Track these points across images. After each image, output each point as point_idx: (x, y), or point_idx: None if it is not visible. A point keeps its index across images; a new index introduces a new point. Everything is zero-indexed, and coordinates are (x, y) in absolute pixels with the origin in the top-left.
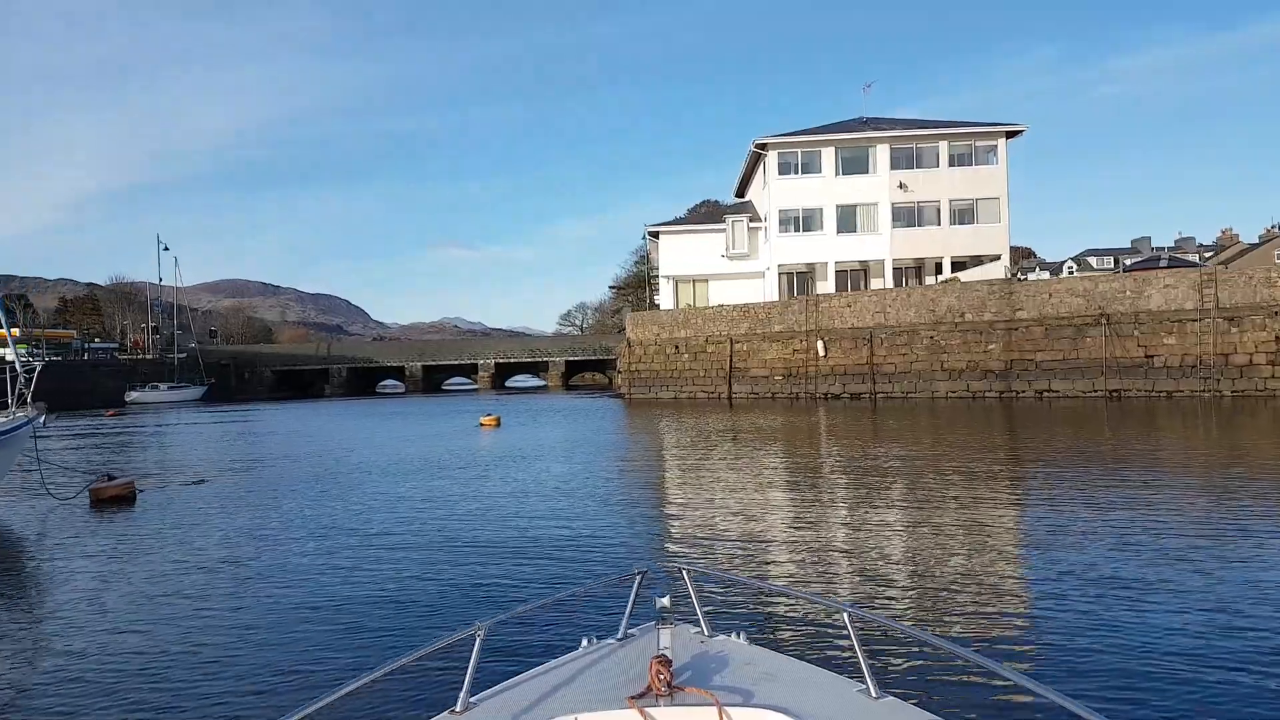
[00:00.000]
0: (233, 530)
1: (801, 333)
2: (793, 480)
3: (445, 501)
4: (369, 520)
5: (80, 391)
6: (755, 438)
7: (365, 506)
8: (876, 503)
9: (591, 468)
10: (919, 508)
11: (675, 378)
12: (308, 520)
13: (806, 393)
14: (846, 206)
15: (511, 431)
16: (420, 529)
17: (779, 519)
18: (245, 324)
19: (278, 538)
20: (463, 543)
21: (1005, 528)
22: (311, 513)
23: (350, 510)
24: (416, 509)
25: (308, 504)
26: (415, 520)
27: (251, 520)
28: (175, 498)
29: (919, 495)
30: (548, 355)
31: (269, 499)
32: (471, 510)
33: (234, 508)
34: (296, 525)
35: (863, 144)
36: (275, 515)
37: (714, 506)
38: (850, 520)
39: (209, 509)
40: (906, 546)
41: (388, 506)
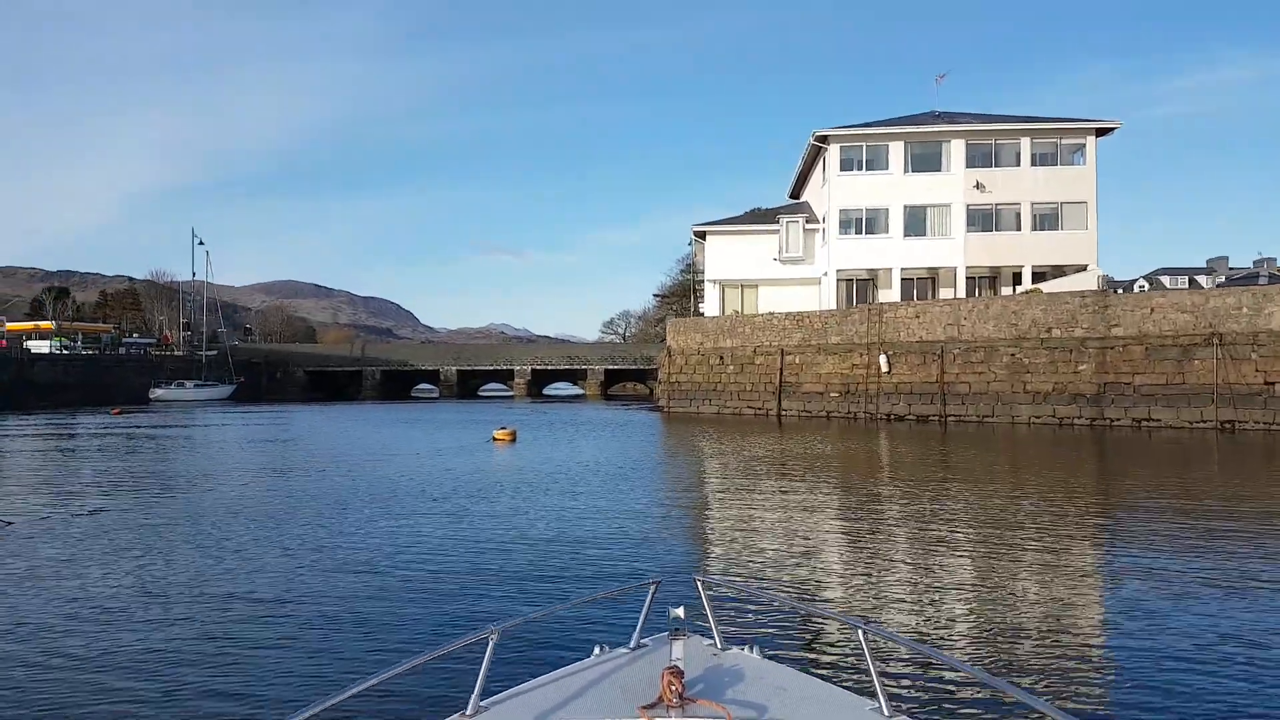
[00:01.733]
0: (44, 600)
1: (862, 345)
2: (851, 530)
3: (374, 564)
4: (259, 586)
5: (105, 387)
6: (808, 468)
7: (271, 566)
8: (950, 562)
9: (599, 507)
10: (995, 556)
11: (719, 391)
12: (164, 582)
13: (866, 412)
14: (916, 208)
15: (526, 449)
16: (315, 607)
17: (834, 579)
18: (285, 323)
19: (97, 611)
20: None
21: (1093, 579)
22: (182, 574)
23: (240, 574)
24: (333, 574)
25: (201, 553)
26: (318, 598)
27: (89, 582)
28: (48, 531)
29: (995, 542)
30: (586, 363)
31: (162, 539)
32: (405, 582)
33: (95, 556)
34: (142, 591)
35: (935, 138)
36: (138, 571)
37: (756, 570)
38: (924, 581)
39: (71, 551)
40: (979, 597)
41: (293, 568)
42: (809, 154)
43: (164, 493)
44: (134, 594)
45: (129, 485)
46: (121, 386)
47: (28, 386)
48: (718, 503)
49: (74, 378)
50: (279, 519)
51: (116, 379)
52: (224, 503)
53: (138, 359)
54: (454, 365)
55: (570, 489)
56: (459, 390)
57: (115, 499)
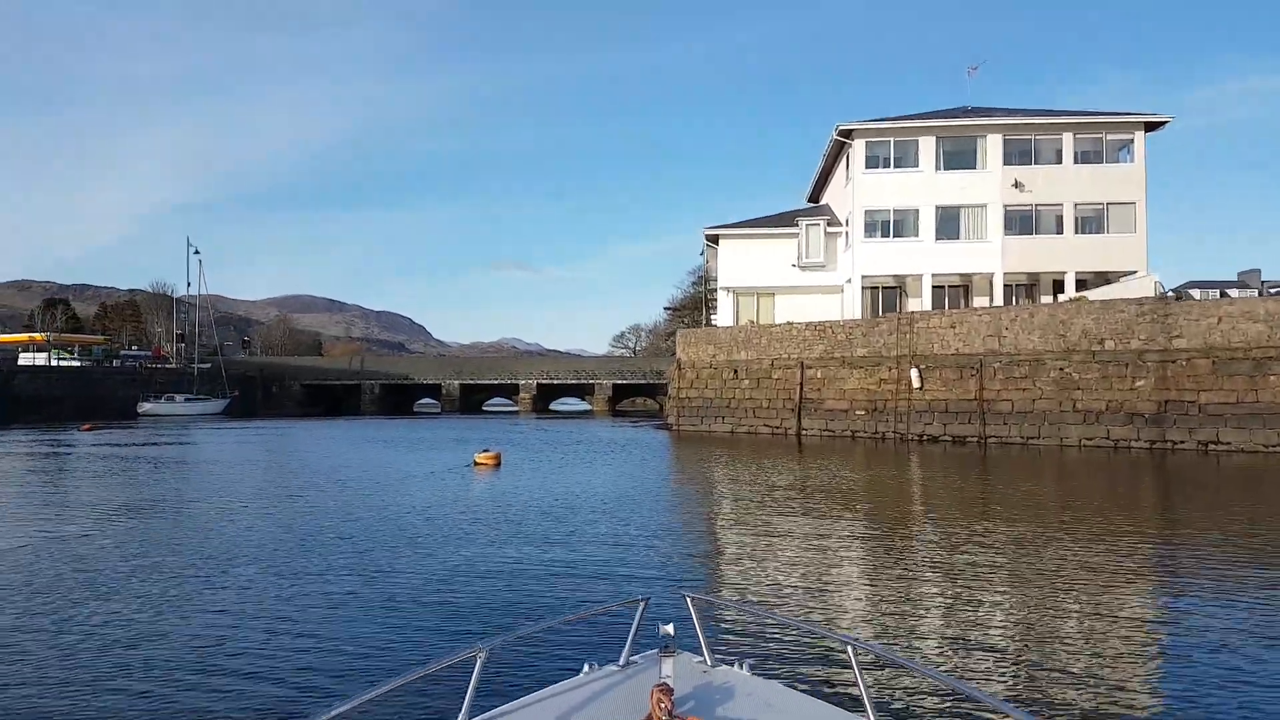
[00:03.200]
0: None
1: (891, 358)
2: (881, 582)
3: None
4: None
5: (92, 401)
6: (833, 503)
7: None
8: (987, 610)
9: (577, 559)
10: (1035, 603)
11: (733, 408)
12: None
13: (895, 432)
14: (948, 208)
15: (511, 475)
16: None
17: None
18: (288, 335)
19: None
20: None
21: (1145, 629)
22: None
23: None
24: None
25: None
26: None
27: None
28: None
29: (1038, 588)
30: (594, 377)
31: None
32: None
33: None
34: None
35: (969, 132)
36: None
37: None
38: (958, 629)
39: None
40: (1017, 646)
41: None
42: (831, 152)
43: (64, 525)
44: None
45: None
46: (109, 400)
47: (9, 400)
48: (727, 564)
49: (59, 391)
50: (184, 570)
51: (104, 392)
52: (125, 545)
53: (127, 372)
54: (455, 379)
55: (546, 533)
56: (461, 405)
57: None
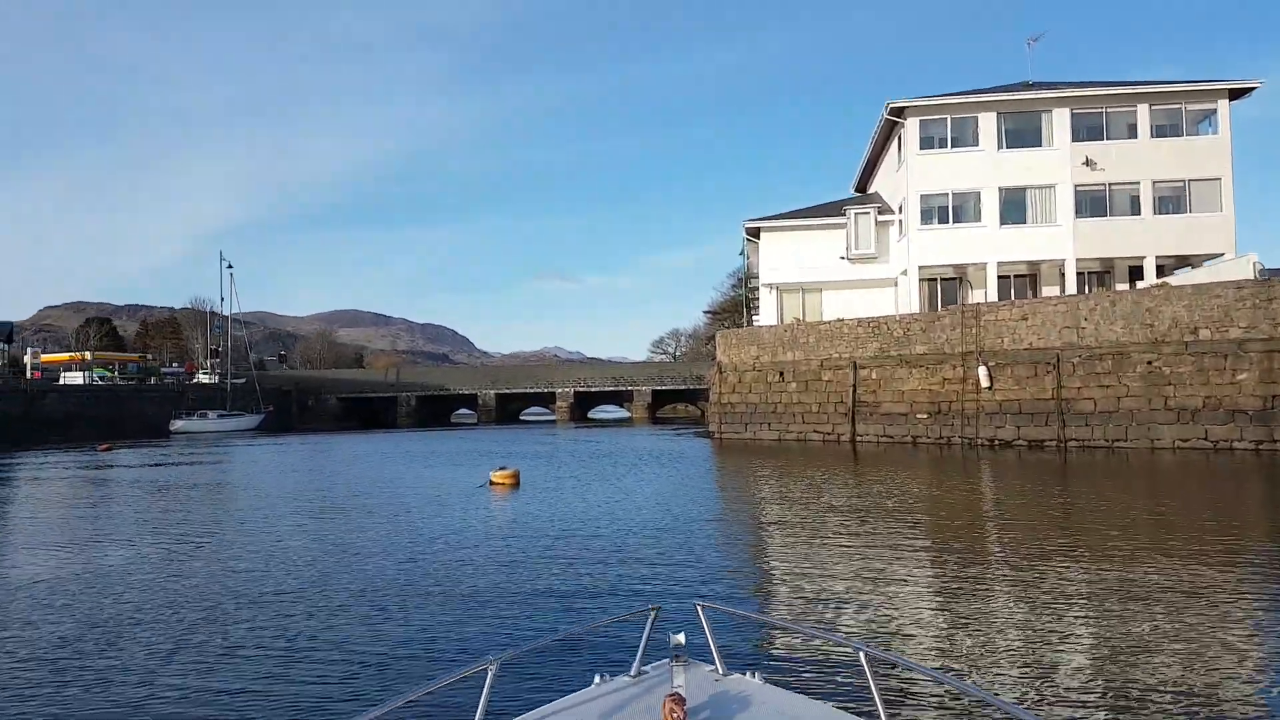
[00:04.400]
0: None
1: (955, 355)
2: (954, 623)
3: None
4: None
5: (122, 419)
6: (899, 525)
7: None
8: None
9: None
10: (1131, 645)
11: (779, 413)
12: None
13: (963, 437)
14: (1013, 190)
15: (529, 497)
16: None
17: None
18: (328, 348)
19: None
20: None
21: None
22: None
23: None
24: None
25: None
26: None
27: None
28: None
29: (1133, 627)
30: (632, 383)
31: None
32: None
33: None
34: None
35: (1034, 107)
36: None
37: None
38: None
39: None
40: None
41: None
42: (880, 134)
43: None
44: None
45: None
46: (140, 419)
47: (38, 420)
48: (777, 600)
49: (89, 410)
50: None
51: (135, 411)
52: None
53: (159, 389)
54: (492, 389)
55: (551, 584)
56: (498, 415)
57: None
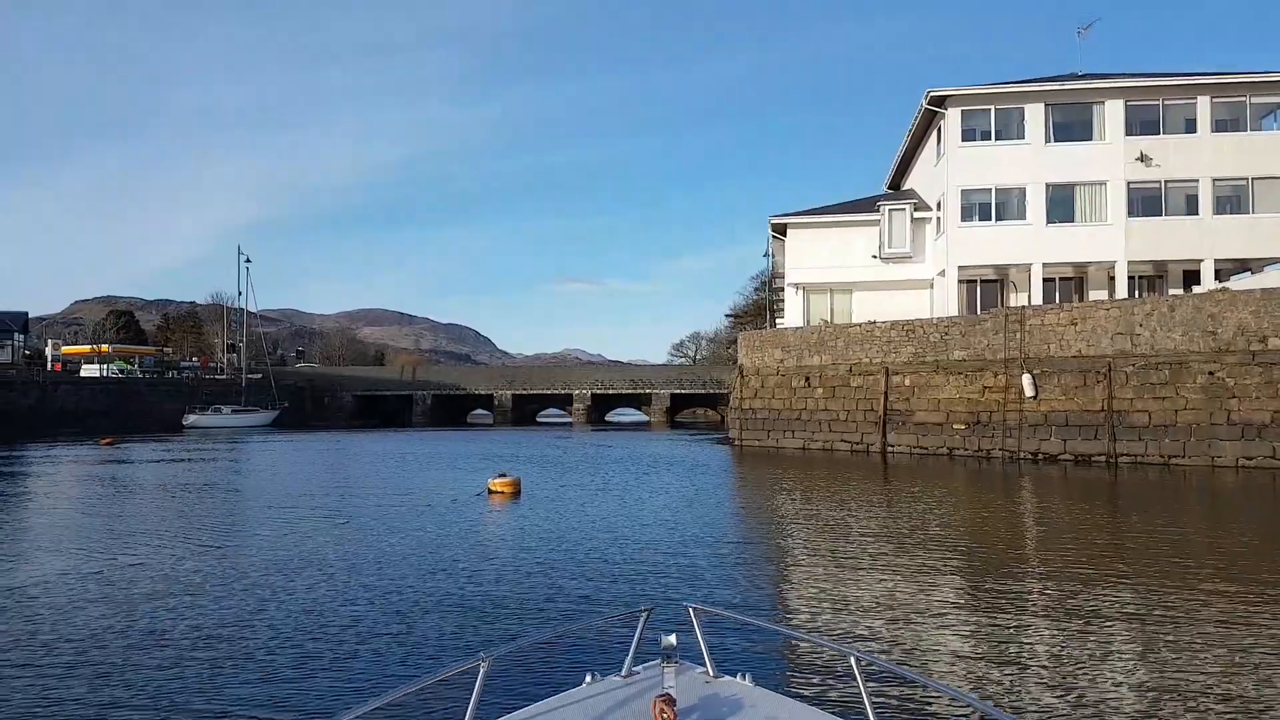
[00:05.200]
0: None
1: (997, 362)
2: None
3: None
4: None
5: (135, 413)
6: (927, 542)
7: None
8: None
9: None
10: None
11: (805, 420)
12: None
13: (1003, 450)
14: (1060, 187)
15: (528, 508)
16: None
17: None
18: (348, 345)
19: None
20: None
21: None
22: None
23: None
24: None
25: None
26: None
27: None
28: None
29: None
30: (651, 386)
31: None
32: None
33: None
34: None
35: (1084, 98)
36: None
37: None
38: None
39: None
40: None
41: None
42: (918, 127)
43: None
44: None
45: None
46: (152, 413)
47: (51, 413)
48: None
49: (101, 404)
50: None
51: (148, 405)
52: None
53: (173, 383)
54: (508, 390)
55: (541, 611)
56: (514, 416)
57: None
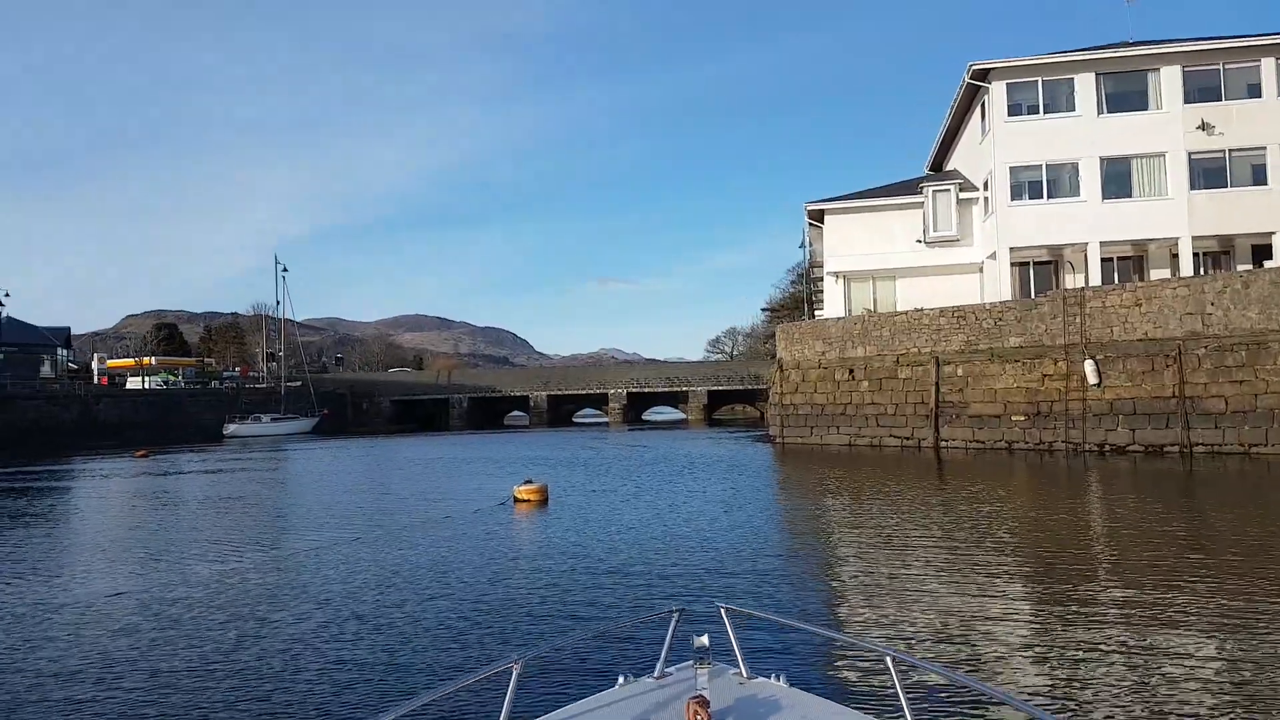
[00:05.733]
0: None
1: (1056, 348)
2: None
3: None
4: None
5: (175, 424)
6: (994, 548)
7: None
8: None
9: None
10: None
11: (850, 415)
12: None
13: (1066, 442)
14: (1116, 160)
15: (553, 517)
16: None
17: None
18: (386, 351)
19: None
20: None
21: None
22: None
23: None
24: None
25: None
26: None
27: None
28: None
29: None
30: (687, 384)
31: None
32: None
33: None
34: None
35: (1138, 65)
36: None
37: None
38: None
39: None
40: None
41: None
42: (960, 103)
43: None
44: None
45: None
46: (194, 423)
47: (93, 426)
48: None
49: (143, 416)
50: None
51: (188, 415)
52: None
53: (213, 393)
54: (543, 390)
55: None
56: (550, 417)
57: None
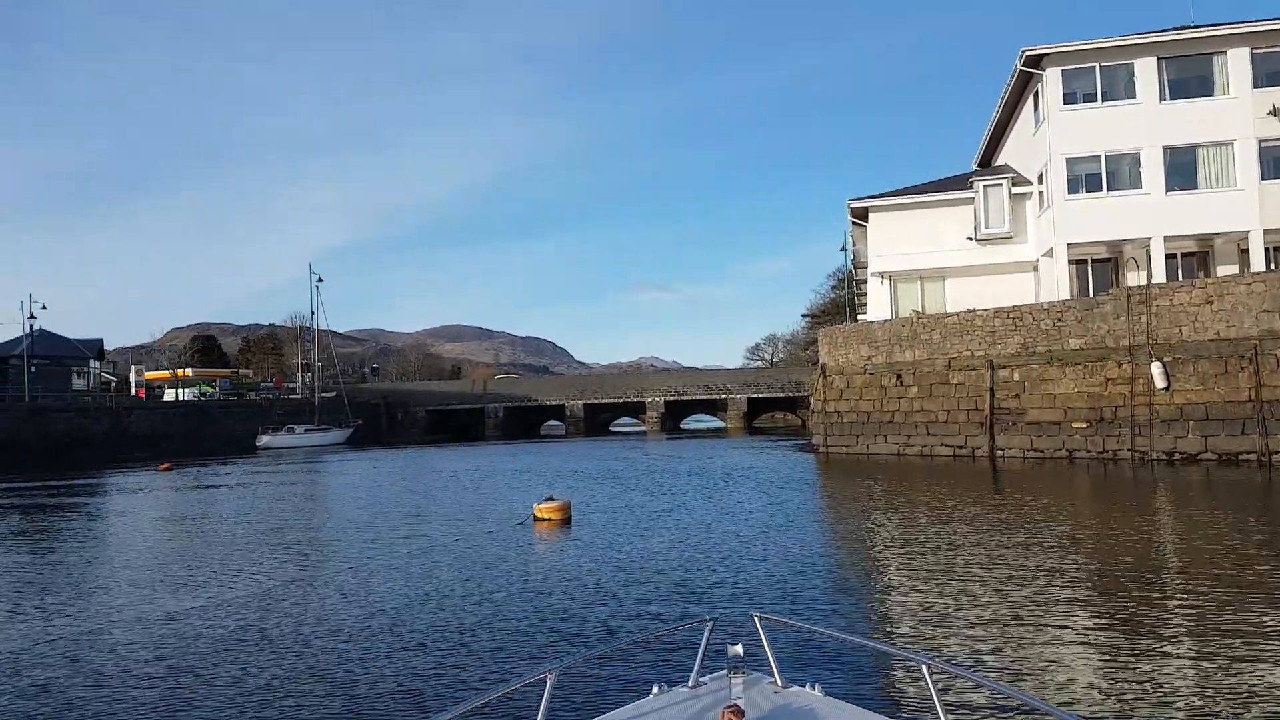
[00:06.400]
0: None
1: (1120, 350)
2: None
3: None
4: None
5: (208, 436)
6: (1061, 567)
7: None
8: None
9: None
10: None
11: (898, 423)
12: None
13: (1133, 451)
14: (1180, 150)
15: (574, 539)
16: None
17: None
18: (423, 360)
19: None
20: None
21: None
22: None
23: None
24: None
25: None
26: None
27: None
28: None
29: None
30: (726, 391)
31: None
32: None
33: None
34: None
35: (1204, 48)
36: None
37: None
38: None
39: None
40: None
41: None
42: (1011, 93)
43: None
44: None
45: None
46: (226, 434)
47: (125, 438)
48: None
49: (175, 427)
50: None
51: (222, 427)
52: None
53: (246, 404)
54: (579, 399)
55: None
56: (586, 427)
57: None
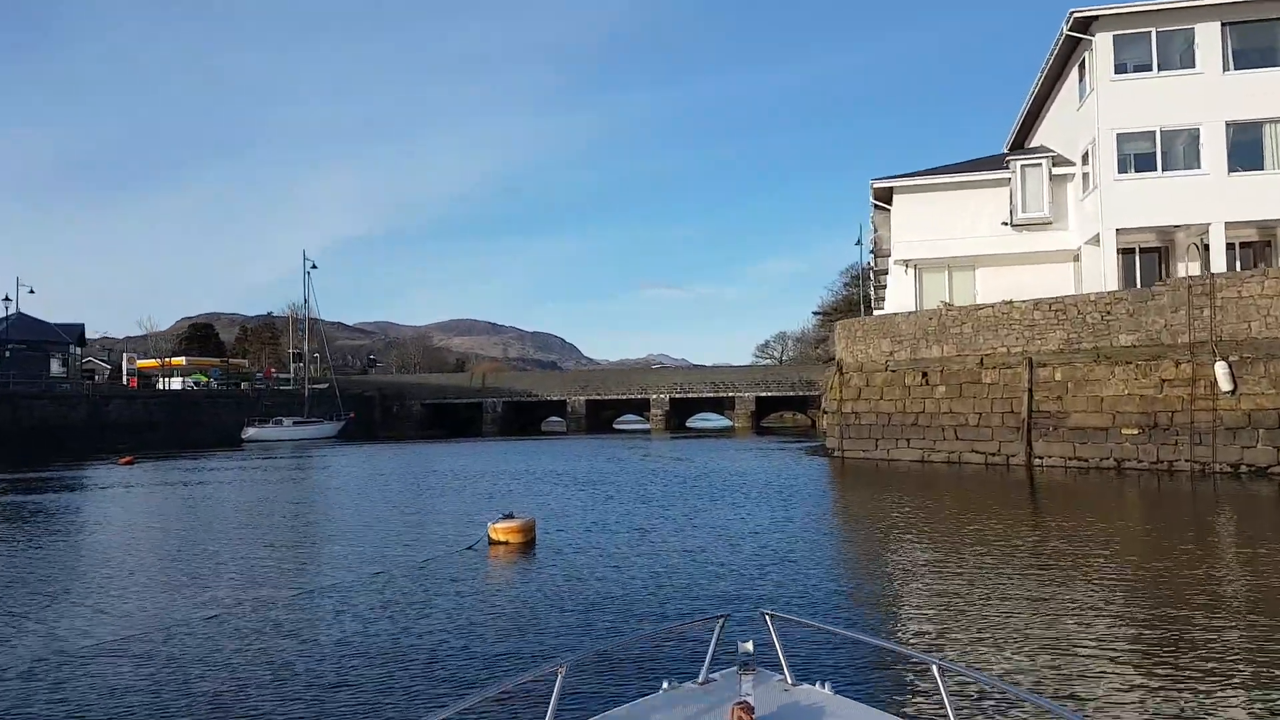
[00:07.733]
0: None
1: (1178, 347)
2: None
3: None
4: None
5: (191, 426)
6: (1118, 610)
7: None
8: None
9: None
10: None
11: (922, 425)
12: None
13: (1191, 461)
14: (1244, 126)
15: (534, 571)
16: None
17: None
18: (424, 353)
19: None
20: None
21: None
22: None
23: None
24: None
25: None
26: None
27: None
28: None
29: None
30: (734, 389)
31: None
32: None
33: None
34: None
35: (1273, 11)
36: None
37: None
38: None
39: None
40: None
41: None
42: (1055, 60)
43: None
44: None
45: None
46: (210, 425)
47: (103, 429)
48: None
49: (156, 417)
50: None
51: (204, 417)
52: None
53: (233, 395)
54: (581, 395)
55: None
56: (588, 423)
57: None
